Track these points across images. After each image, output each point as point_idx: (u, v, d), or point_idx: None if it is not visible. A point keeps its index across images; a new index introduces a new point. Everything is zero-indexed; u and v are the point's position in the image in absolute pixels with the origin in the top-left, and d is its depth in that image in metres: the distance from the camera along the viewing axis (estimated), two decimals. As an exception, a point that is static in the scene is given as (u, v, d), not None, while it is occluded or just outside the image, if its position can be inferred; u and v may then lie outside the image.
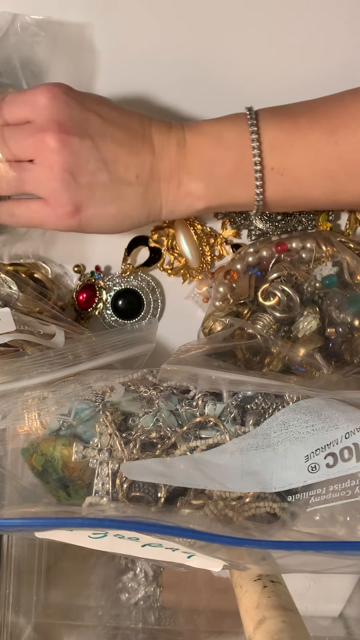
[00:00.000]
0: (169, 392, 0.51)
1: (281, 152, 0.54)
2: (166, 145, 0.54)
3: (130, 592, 0.66)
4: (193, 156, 0.54)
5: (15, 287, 0.58)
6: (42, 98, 0.52)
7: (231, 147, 0.54)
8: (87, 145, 0.52)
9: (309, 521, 0.46)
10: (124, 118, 0.54)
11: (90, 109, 0.53)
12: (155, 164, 0.54)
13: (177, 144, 0.54)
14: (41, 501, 0.51)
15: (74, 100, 0.52)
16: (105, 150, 0.53)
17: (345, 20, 0.64)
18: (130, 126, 0.54)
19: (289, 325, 0.57)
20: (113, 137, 0.53)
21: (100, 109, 0.53)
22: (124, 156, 0.53)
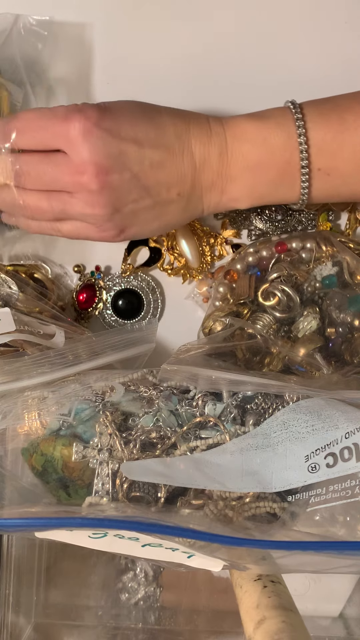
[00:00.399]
0: (169, 392, 0.51)
1: (329, 153, 0.53)
2: (207, 156, 0.52)
3: (130, 592, 0.66)
4: (237, 164, 0.53)
5: (15, 287, 0.58)
6: (74, 131, 0.49)
7: (278, 152, 0.52)
8: (127, 178, 0.51)
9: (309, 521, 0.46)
10: (160, 134, 0.51)
11: (125, 137, 0.50)
12: (196, 177, 0.53)
13: (219, 154, 0.53)
14: (41, 501, 0.51)
15: (107, 132, 0.49)
16: (145, 178, 0.51)
17: (345, 20, 0.64)
18: (168, 144, 0.51)
19: (289, 325, 0.57)
20: (152, 161, 0.51)
21: (135, 131, 0.51)
22: (164, 178, 0.52)
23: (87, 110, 0.50)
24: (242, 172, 0.53)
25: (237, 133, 0.53)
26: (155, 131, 0.51)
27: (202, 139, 0.52)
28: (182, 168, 0.52)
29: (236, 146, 0.52)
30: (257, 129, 0.52)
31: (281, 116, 0.53)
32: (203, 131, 0.52)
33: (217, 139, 0.52)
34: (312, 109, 0.53)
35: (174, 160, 0.52)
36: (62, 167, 0.51)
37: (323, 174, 0.53)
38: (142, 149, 0.51)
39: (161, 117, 0.52)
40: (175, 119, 0.52)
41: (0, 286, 0.58)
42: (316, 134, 0.52)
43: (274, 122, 0.53)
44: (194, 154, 0.52)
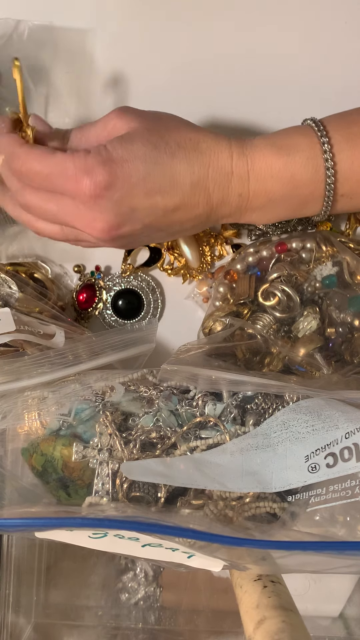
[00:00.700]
0: (169, 392, 0.51)
1: (354, 181, 0.52)
2: (226, 197, 0.51)
3: (130, 592, 0.66)
4: (258, 199, 0.51)
5: (15, 287, 0.58)
6: (84, 196, 0.47)
7: (303, 186, 0.51)
8: (138, 228, 0.50)
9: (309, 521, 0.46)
10: (174, 186, 0.49)
11: (137, 195, 0.48)
12: (212, 213, 0.52)
13: (238, 195, 0.51)
14: (41, 501, 0.51)
15: (119, 193, 0.47)
16: (158, 223, 0.50)
17: (345, 20, 0.64)
18: (183, 194, 0.49)
19: (289, 325, 0.57)
20: (165, 211, 0.49)
21: (148, 187, 0.48)
22: (178, 219, 0.51)
23: (97, 174, 0.47)
24: (264, 204, 0.52)
25: (263, 171, 0.50)
26: (170, 183, 0.49)
27: (221, 184, 0.50)
28: (197, 210, 0.50)
29: (260, 185, 0.51)
30: (285, 166, 0.50)
31: (309, 149, 0.51)
32: (223, 174, 0.50)
33: (238, 182, 0.50)
34: (339, 135, 0.51)
35: (188, 206, 0.50)
36: (71, 216, 0.49)
37: (346, 198, 0.53)
38: (155, 201, 0.49)
39: (178, 164, 0.49)
40: (193, 164, 0.49)
41: (0, 286, 0.58)
42: (344, 165, 0.51)
43: (302, 157, 0.50)
44: (211, 197, 0.50)
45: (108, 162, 0.47)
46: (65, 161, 0.47)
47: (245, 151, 0.50)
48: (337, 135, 0.51)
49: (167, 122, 0.50)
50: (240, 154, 0.50)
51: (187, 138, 0.49)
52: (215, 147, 0.50)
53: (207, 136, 0.50)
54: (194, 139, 0.49)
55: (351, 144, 0.51)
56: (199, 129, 0.51)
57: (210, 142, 0.50)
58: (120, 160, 0.47)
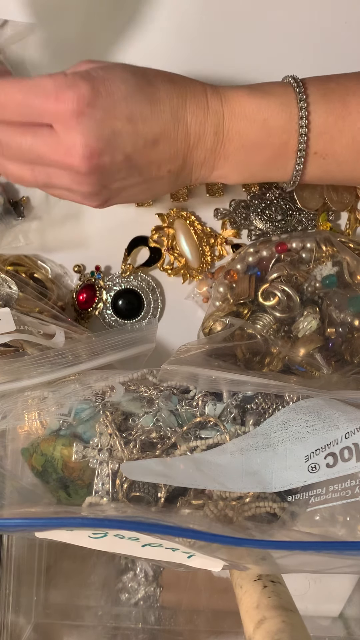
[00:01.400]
0: (169, 392, 0.51)
1: (328, 138, 0.51)
2: (202, 133, 0.50)
3: (130, 592, 0.66)
4: (231, 143, 0.51)
5: (15, 287, 0.58)
6: (66, 112, 0.45)
7: (276, 134, 0.51)
8: (119, 159, 0.48)
9: (309, 521, 0.46)
10: (155, 111, 0.48)
11: (119, 116, 0.46)
12: (189, 154, 0.51)
13: (214, 132, 0.50)
14: (41, 501, 0.51)
15: (101, 112, 0.46)
16: (138, 158, 0.49)
17: (345, 20, 0.64)
18: (163, 121, 0.48)
19: (289, 325, 0.57)
20: (146, 141, 0.48)
21: (130, 109, 0.47)
22: (157, 157, 0.49)
23: (80, 87, 0.45)
24: (236, 150, 0.52)
25: (236, 110, 0.50)
26: (150, 108, 0.48)
27: (198, 115, 0.50)
28: (175, 146, 0.50)
29: (234, 124, 0.50)
30: (258, 108, 0.50)
31: (284, 95, 0.51)
32: (200, 107, 0.50)
33: (214, 116, 0.50)
34: (316, 89, 0.51)
35: (168, 139, 0.49)
36: (49, 145, 0.46)
37: (319, 157, 0.52)
38: (137, 127, 0.47)
39: (157, 91, 0.48)
40: (171, 93, 0.49)
41: (0, 286, 0.58)
42: (318, 118, 0.51)
43: (276, 102, 0.50)
44: (189, 131, 0.50)
45: (90, 78, 0.46)
46: (43, 80, 0.45)
47: (218, 90, 0.51)
48: (313, 89, 0.51)
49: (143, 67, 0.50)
50: (214, 92, 0.51)
51: (162, 73, 0.50)
52: (190, 83, 0.50)
53: (180, 76, 0.51)
54: (169, 75, 0.50)
55: (326, 99, 0.51)
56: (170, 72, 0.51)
57: (184, 80, 0.50)
58: (101, 78, 0.46)
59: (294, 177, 0.53)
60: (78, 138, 0.46)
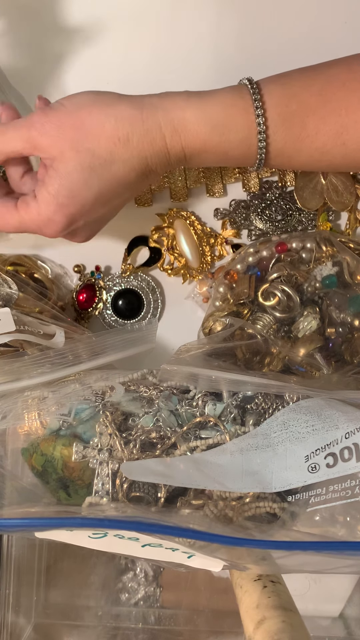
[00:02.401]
0: (169, 392, 0.51)
1: (286, 157, 0.54)
2: (168, 169, 0.54)
3: (130, 592, 0.66)
4: (194, 163, 0.54)
5: (15, 287, 0.58)
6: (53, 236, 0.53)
7: (237, 159, 0.54)
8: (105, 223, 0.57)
9: (309, 521, 0.46)
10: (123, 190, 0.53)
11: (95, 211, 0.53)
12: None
13: (177, 163, 0.54)
14: (41, 501, 0.51)
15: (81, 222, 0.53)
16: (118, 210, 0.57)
17: (345, 20, 0.64)
18: (132, 190, 0.54)
19: (289, 325, 0.57)
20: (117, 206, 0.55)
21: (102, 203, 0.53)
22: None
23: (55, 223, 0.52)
24: (200, 165, 0.56)
25: (197, 147, 0.52)
26: (119, 187, 0.52)
27: (161, 163, 0.52)
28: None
29: (195, 158, 0.53)
30: (219, 145, 0.52)
31: (245, 129, 0.52)
32: (161, 157, 0.52)
33: (175, 158, 0.52)
34: (276, 112, 0.52)
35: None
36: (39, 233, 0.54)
37: (276, 166, 0.56)
38: (113, 205, 0.54)
39: (118, 171, 0.51)
40: (132, 163, 0.51)
41: (0, 286, 0.58)
42: (276, 144, 0.52)
43: (237, 138, 0.52)
44: (156, 174, 0.54)
45: (60, 208, 0.51)
46: (23, 220, 0.52)
47: (177, 129, 0.51)
48: (274, 114, 0.52)
49: (89, 125, 0.50)
50: (173, 134, 0.51)
51: (115, 139, 0.50)
52: (146, 138, 0.51)
53: (134, 126, 0.50)
54: (122, 137, 0.50)
55: (286, 124, 0.52)
56: (122, 112, 0.51)
57: (140, 134, 0.50)
58: (67, 200, 0.51)
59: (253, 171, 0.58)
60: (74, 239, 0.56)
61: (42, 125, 0.50)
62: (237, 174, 0.64)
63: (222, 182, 0.64)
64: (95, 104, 0.50)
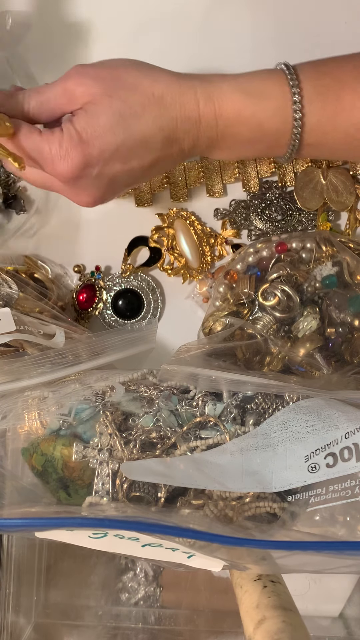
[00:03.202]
0: (169, 392, 0.51)
1: (321, 133, 0.52)
2: (196, 143, 0.52)
3: (130, 592, 0.66)
4: (226, 142, 0.53)
5: (15, 287, 0.58)
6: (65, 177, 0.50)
7: (271, 134, 0.52)
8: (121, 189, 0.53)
9: (309, 521, 0.46)
10: (147, 148, 0.51)
11: (114, 164, 0.50)
12: (186, 156, 0.54)
13: (208, 138, 0.52)
14: (41, 501, 0.51)
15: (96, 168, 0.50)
16: (135, 181, 0.53)
17: (345, 20, 0.64)
18: (157, 150, 0.51)
19: (289, 325, 0.57)
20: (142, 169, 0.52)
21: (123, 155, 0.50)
22: (154, 172, 0.53)
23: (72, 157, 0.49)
24: (230, 146, 0.54)
25: (231, 116, 0.51)
26: (141, 146, 0.50)
27: (191, 131, 0.51)
28: (171, 159, 0.53)
29: (228, 129, 0.52)
30: (253, 114, 0.51)
31: (280, 97, 0.51)
32: (191, 122, 0.51)
33: (207, 127, 0.51)
34: (311, 85, 0.51)
35: (163, 161, 0.52)
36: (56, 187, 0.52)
37: (311, 147, 0.54)
38: (132, 166, 0.51)
39: (145, 127, 0.50)
40: (160, 123, 0.50)
41: (0, 286, 0.58)
42: (312, 117, 0.51)
43: (272, 106, 0.51)
44: (183, 146, 0.52)
45: (80, 144, 0.49)
46: (40, 145, 0.49)
47: (212, 96, 0.51)
48: (309, 86, 0.51)
49: (125, 79, 0.50)
50: (207, 100, 0.51)
51: (149, 94, 0.50)
52: (180, 99, 0.50)
53: (170, 87, 0.50)
54: (156, 94, 0.50)
55: (321, 97, 0.51)
56: (160, 76, 0.51)
57: (174, 94, 0.50)
58: (90, 138, 0.49)
59: (285, 158, 0.55)
60: (80, 191, 0.51)
61: (79, 76, 0.50)
62: (237, 174, 0.64)
63: (222, 182, 0.64)
64: (133, 65, 0.51)
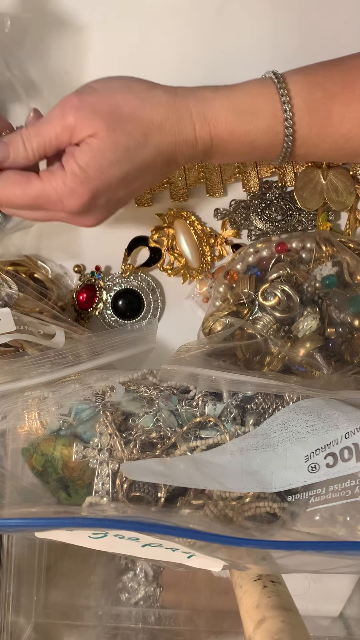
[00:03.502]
0: (169, 392, 0.51)
1: (311, 145, 0.54)
2: (193, 160, 0.55)
3: (130, 592, 0.66)
4: (219, 155, 0.55)
5: (15, 287, 0.58)
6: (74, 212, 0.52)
7: (262, 149, 0.54)
8: (118, 207, 0.55)
9: (309, 521, 0.46)
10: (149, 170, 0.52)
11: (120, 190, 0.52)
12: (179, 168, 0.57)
13: (203, 153, 0.54)
14: (41, 501, 0.51)
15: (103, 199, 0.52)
16: (132, 195, 0.55)
17: (345, 20, 0.64)
18: (157, 173, 0.53)
19: (289, 325, 0.57)
20: (142, 188, 0.54)
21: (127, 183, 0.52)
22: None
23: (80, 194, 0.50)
24: (223, 157, 0.56)
25: (225, 136, 0.53)
26: (144, 171, 0.52)
27: (187, 153, 0.53)
28: (167, 175, 0.57)
29: (221, 146, 0.53)
30: (246, 133, 0.53)
31: (271, 116, 0.52)
32: (189, 146, 0.53)
33: (202, 148, 0.53)
34: (302, 99, 0.53)
35: (162, 177, 0.56)
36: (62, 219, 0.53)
37: (301, 156, 0.56)
38: (134, 188, 0.53)
39: (147, 155, 0.51)
40: (161, 149, 0.52)
41: (0, 286, 0.58)
42: (302, 132, 0.53)
43: (264, 125, 0.52)
44: (179, 164, 0.54)
45: (87, 181, 0.50)
46: (44, 189, 0.50)
47: (207, 118, 0.52)
48: (300, 102, 0.53)
49: (124, 109, 0.51)
50: (202, 123, 0.52)
51: (149, 123, 0.51)
52: (178, 124, 0.52)
53: (168, 111, 0.51)
54: (156, 121, 0.51)
55: (312, 112, 0.53)
56: (157, 98, 0.52)
57: (172, 120, 0.51)
58: (96, 175, 0.50)
59: (277, 163, 0.56)
60: (88, 218, 0.53)
61: (77, 110, 0.50)
62: (237, 174, 0.64)
63: (222, 182, 0.64)
64: (130, 89, 0.52)
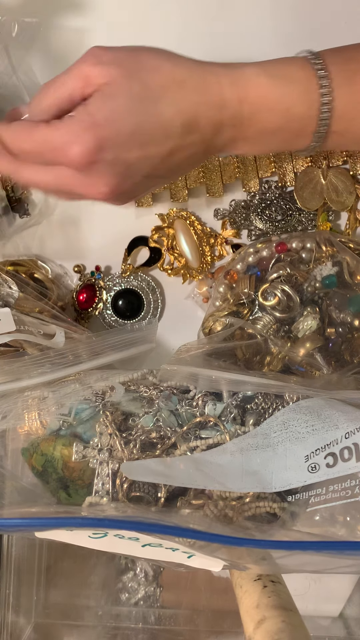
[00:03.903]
0: (169, 392, 0.51)
1: (348, 119, 0.50)
2: (219, 130, 0.49)
3: (130, 592, 0.66)
4: (251, 130, 0.50)
5: (15, 287, 0.58)
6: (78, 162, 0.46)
7: (297, 120, 0.50)
8: (139, 180, 0.49)
9: (309, 521, 0.46)
10: (167, 131, 0.47)
11: (130, 149, 0.47)
12: (207, 148, 0.50)
13: (232, 125, 0.49)
14: (41, 501, 0.51)
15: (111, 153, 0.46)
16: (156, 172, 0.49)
17: (345, 20, 0.64)
18: (176, 136, 0.47)
19: (289, 325, 0.57)
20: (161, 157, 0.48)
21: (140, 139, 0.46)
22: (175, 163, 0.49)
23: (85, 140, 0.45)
24: (255, 134, 0.50)
25: (257, 101, 0.48)
26: (160, 130, 0.47)
27: (213, 118, 0.48)
28: (192, 149, 0.49)
29: (254, 115, 0.49)
30: (280, 98, 0.48)
31: (306, 81, 0.49)
32: (214, 108, 0.48)
33: (230, 114, 0.48)
34: (337, 70, 0.49)
35: (183, 148, 0.48)
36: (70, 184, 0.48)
37: (338, 135, 0.51)
38: (149, 152, 0.47)
39: (164, 110, 0.47)
40: (180, 107, 0.47)
41: (0, 286, 0.58)
42: (340, 102, 0.49)
43: (299, 90, 0.49)
44: (204, 134, 0.48)
45: (93, 126, 0.45)
46: (49, 134, 0.46)
47: (236, 80, 0.48)
48: (336, 71, 0.49)
49: (146, 61, 0.47)
50: (231, 84, 0.48)
51: (170, 78, 0.47)
52: (202, 83, 0.47)
53: (192, 71, 0.47)
54: (177, 77, 0.47)
55: (350, 83, 0.49)
56: (182, 62, 0.48)
57: (196, 77, 0.47)
58: (105, 121, 0.45)
59: (310, 149, 0.53)
60: (96, 180, 0.47)
61: (95, 58, 0.46)
62: (237, 174, 0.64)
63: (222, 182, 0.64)
64: (154, 49, 0.48)
